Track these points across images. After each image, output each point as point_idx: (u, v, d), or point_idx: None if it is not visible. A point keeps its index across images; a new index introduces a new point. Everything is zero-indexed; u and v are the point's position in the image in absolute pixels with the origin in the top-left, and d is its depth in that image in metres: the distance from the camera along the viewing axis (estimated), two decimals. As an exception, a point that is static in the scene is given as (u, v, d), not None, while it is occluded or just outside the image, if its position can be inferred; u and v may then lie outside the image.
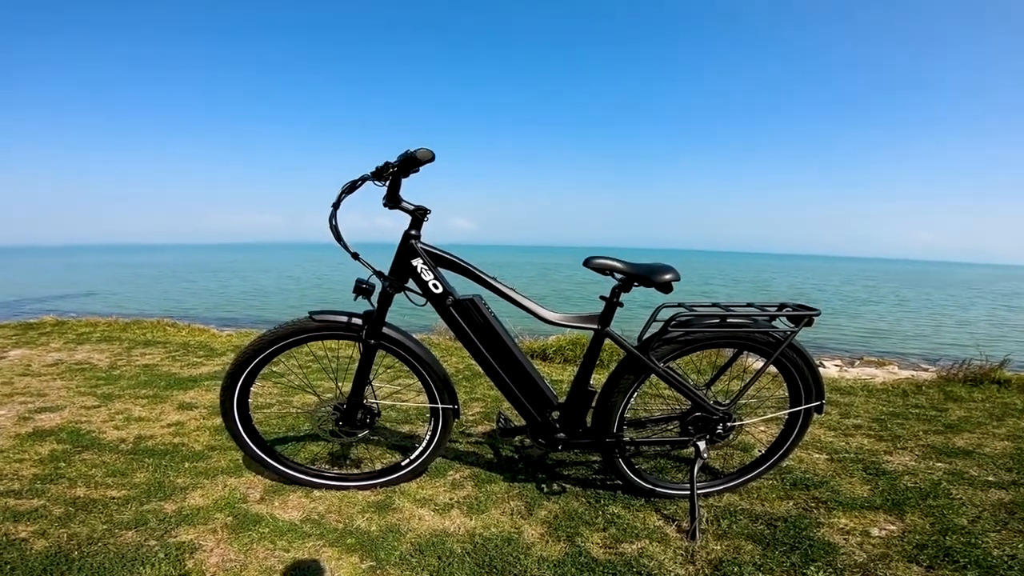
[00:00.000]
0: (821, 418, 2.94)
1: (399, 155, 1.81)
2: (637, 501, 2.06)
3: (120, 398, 3.26)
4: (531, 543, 1.77)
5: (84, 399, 3.23)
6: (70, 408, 3.04)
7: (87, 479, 2.11)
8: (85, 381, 3.67)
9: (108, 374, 3.89)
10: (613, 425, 1.97)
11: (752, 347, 1.95)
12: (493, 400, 3.33)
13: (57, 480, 2.09)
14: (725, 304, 1.96)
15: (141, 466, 2.25)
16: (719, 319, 1.90)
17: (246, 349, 1.95)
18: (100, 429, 2.70)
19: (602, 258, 1.89)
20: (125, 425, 2.77)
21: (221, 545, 1.69)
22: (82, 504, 1.91)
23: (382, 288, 1.93)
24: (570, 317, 1.96)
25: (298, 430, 2.76)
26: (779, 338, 1.91)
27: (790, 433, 2.11)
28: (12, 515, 1.81)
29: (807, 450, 2.55)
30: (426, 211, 1.91)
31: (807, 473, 2.30)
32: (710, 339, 1.92)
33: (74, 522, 1.79)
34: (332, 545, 1.72)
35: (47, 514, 1.83)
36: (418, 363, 2.03)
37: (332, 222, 1.88)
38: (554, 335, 5.06)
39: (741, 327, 1.91)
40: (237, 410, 2.01)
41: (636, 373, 1.92)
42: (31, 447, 2.42)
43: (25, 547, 1.64)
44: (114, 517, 1.83)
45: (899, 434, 2.78)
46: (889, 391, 3.62)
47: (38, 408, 3.02)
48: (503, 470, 2.31)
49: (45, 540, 1.68)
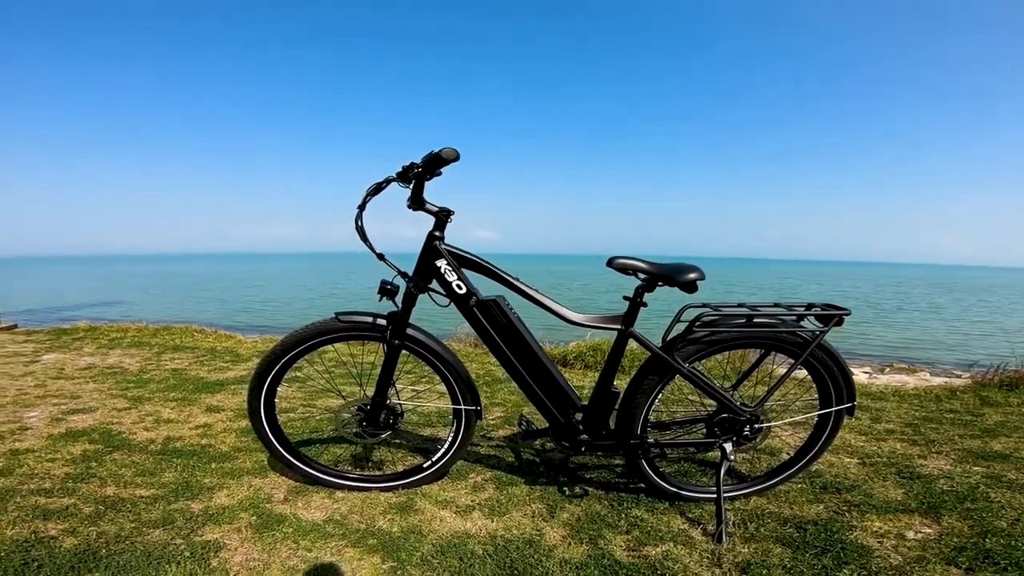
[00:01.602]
0: (851, 423, 2.87)
1: (423, 156, 1.82)
2: (661, 504, 2.02)
3: (150, 401, 3.34)
4: (553, 545, 1.75)
5: (115, 401, 3.31)
6: (102, 410, 3.12)
7: (117, 478, 2.15)
8: (116, 384, 3.77)
9: (138, 378, 3.99)
10: (637, 427, 1.94)
11: (780, 348, 1.91)
12: (513, 405, 3.32)
13: (88, 479, 2.14)
14: (751, 304, 1.92)
15: (169, 466, 2.29)
16: (745, 319, 1.87)
17: (274, 349, 1.98)
18: (130, 430, 2.76)
19: (625, 258, 1.87)
20: (154, 427, 2.83)
21: (245, 544, 1.71)
22: (111, 503, 1.94)
23: (406, 289, 1.94)
24: (593, 318, 1.94)
25: (321, 432, 2.78)
26: (808, 338, 1.87)
27: (820, 436, 2.06)
28: (43, 513, 1.85)
29: (837, 454, 2.48)
30: (450, 212, 1.91)
31: (838, 477, 2.24)
32: (736, 339, 1.89)
33: (103, 520, 1.82)
34: (354, 545, 1.73)
35: (77, 512, 1.87)
36: (442, 364, 2.04)
37: (358, 223, 1.90)
38: (575, 341, 5.03)
39: (768, 327, 1.87)
40: (264, 410, 2.04)
41: (660, 374, 1.90)
42: (63, 447, 2.48)
43: (54, 545, 1.67)
44: (142, 516, 1.86)
45: (933, 439, 2.69)
46: (922, 396, 3.52)
47: (71, 410, 3.11)
48: (524, 473, 2.29)
49: (74, 538, 1.71)
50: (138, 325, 6.63)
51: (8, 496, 1.95)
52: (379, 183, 1.92)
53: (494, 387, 3.72)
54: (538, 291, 1.94)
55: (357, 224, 1.90)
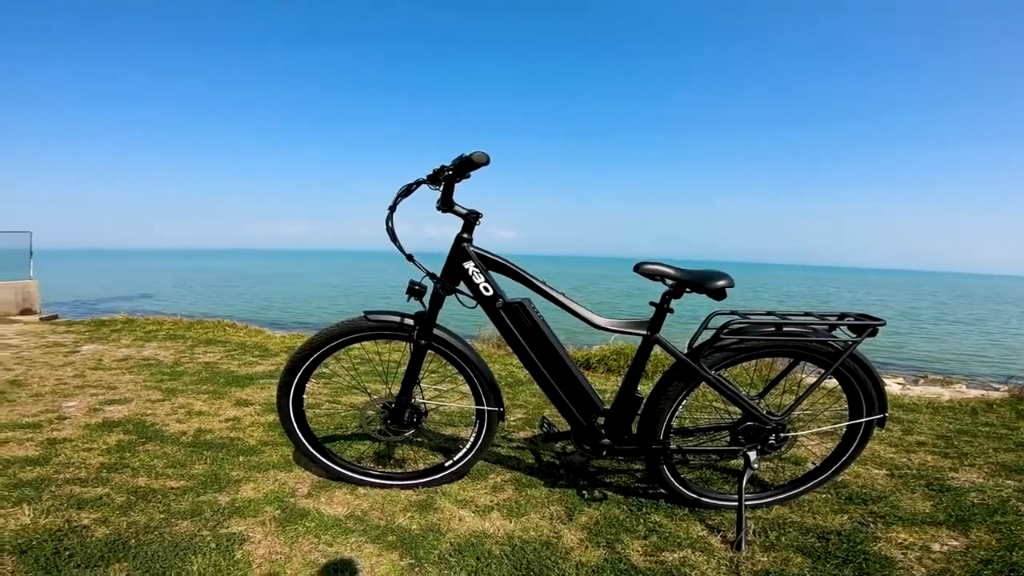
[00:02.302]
0: (881, 434, 2.80)
1: (454, 159, 1.84)
2: (680, 510, 2.01)
3: (183, 393, 3.44)
4: (570, 548, 1.76)
5: (150, 393, 3.42)
6: (136, 401, 3.22)
7: (149, 469, 2.22)
8: (151, 376, 3.89)
9: (172, 370, 4.11)
10: (660, 432, 1.94)
11: (810, 357, 1.88)
12: (534, 407, 3.33)
13: (121, 469, 2.21)
14: (781, 312, 1.89)
15: (200, 458, 2.36)
16: (775, 327, 1.84)
17: (304, 346, 2.02)
18: (163, 422, 2.85)
19: (652, 263, 1.87)
20: (187, 419, 2.91)
21: (269, 537, 1.75)
22: (143, 493, 2.00)
23: (434, 290, 1.97)
24: (619, 323, 1.94)
25: (345, 428, 2.83)
26: (840, 348, 1.83)
27: (848, 446, 2.03)
28: (77, 502, 1.92)
29: (864, 465, 2.43)
30: (478, 215, 1.93)
31: (864, 488, 2.20)
32: (765, 347, 1.86)
33: (134, 510, 1.88)
34: (374, 541, 1.76)
35: (110, 502, 1.93)
36: (466, 365, 2.06)
37: (388, 224, 1.93)
38: (597, 345, 5.01)
39: (799, 336, 1.84)
40: (292, 407, 2.08)
41: (686, 380, 1.88)
42: (99, 437, 2.57)
43: (86, 534, 1.72)
44: (171, 507, 1.91)
45: (966, 451, 2.62)
46: (956, 409, 3.42)
47: (107, 400, 3.22)
48: (544, 475, 2.30)
49: (105, 528, 1.77)
50: (173, 318, 6.84)
51: (44, 485, 2.03)
52: (409, 185, 1.95)
53: (516, 389, 3.74)
54: (564, 295, 1.95)
55: (388, 225, 1.93)
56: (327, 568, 1.60)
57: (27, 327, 6.42)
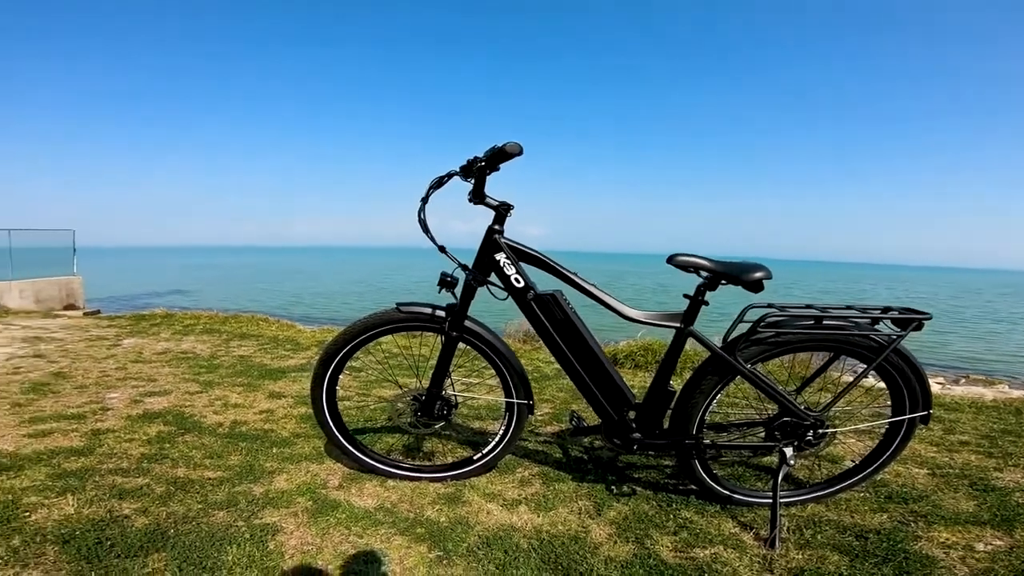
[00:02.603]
0: (922, 433, 2.72)
1: (486, 150, 1.83)
2: (711, 507, 1.98)
3: (219, 385, 3.53)
4: (598, 543, 1.75)
5: (188, 385, 3.53)
6: (175, 393, 3.32)
7: (187, 460, 2.29)
8: (189, 369, 4.01)
9: (209, 363, 4.23)
10: (693, 427, 1.90)
11: (851, 352, 1.83)
12: (562, 401, 3.32)
13: (161, 460, 2.28)
14: (821, 306, 1.84)
15: (236, 449, 2.41)
16: (814, 320, 1.79)
17: (337, 339, 2.04)
18: (201, 413, 2.93)
19: (687, 255, 1.83)
20: (223, 411, 2.99)
21: (301, 528, 1.78)
22: (181, 484, 2.06)
23: (465, 281, 1.97)
24: (652, 315, 1.92)
25: (375, 421, 2.87)
26: (883, 342, 1.78)
27: (890, 444, 1.97)
28: (118, 492, 1.97)
29: (905, 464, 2.36)
30: (510, 207, 1.92)
31: (905, 487, 2.14)
32: (804, 341, 1.81)
33: (173, 501, 1.93)
34: (403, 533, 1.77)
35: (150, 492, 1.99)
36: (497, 357, 2.06)
37: (420, 216, 1.93)
38: (625, 340, 4.96)
39: (840, 329, 1.79)
40: (326, 399, 2.11)
41: (720, 375, 1.85)
42: (140, 428, 2.66)
43: (127, 524, 1.76)
44: (208, 497, 1.96)
45: (1011, 451, 2.51)
46: (1000, 409, 3.28)
47: (148, 392, 3.33)
48: (572, 470, 2.29)
49: (145, 518, 1.81)
50: (209, 313, 7.02)
51: (88, 475, 2.10)
52: (441, 177, 1.95)
53: (542, 384, 3.73)
54: (596, 287, 1.93)
55: (420, 217, 1.94)
56: (357, 559, 1.63)
57: (71, 321, 6.68)
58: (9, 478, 2.03)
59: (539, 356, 4.70)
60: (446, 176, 1.94)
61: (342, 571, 1.57)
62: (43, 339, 5.22)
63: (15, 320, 6.69)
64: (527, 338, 5.85)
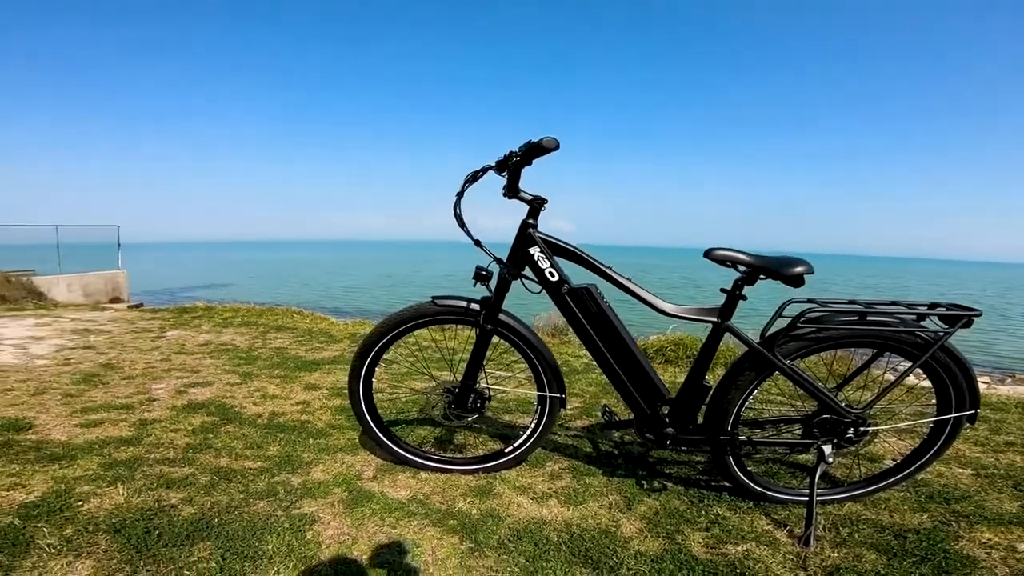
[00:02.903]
0: (966, 433, 2.63)
1: (521, 145, 1.84)
2: (744, 504, 1.97)
3: (258, 377, 3.64)
4: (629, 537, 1.76)
5: (228, 376, 3.64)
6: (217, 384, 3.44)
7: (229, 450, 2.37)
8: (229, 360, 4.14)
9: (247, 355, 4.35)
10: (728, 423, 1.89)
11: (896, 349, 1.78)
12: (591, 396, 3.31)
13: (205, 450, 2.37)
14: (864, 301, 1.79)
15: (274, 440, 2.49)
16: (858, 316, 1.75)
17: (374, 331, 2.07)
18: (241, 404, 3.02)
19: (724, 249, 1.81)
20: (262, 402, 3.08)
21: (337, 519, 1.83)
22: (224, 474, 2.13)
23: (500, 275, 1.98)
24: (688, 309, 1.90)
25: (407, 414, 2.92)
26: (929, 339, 1.73)
27: (933, 443, 1.92)
28: (166, 482, 2.05)
29: (947, 464, 2.29)
30: (544, 201, 1.93)
31: (947, 487, 2.08)
32: (846, 338, 1.77)
33: (216, 490, 2.00)
34: (435, 525, 1.81)
35: (195, 482, 2.06)
36: (530, 351, 2.07)
37: (456, 210, 1.96)
38: (655, 335, 4.91)
39: (884, 325, 1.75)
40: (363, 391, 2.15)
41: (757, 370, 1.82)
42: (185, 419, 2.76)
43: (173, 513, 1.82)
44: (250, 487, 2.03)
45: (1062, 451, 2.42)
46: (1050, 408, 3.16)
47: (191, 383, 3.45)
48: (602, 464, 2.30)
49: (191, 507, 1.86)
50: (247, 306, 7.22)
51: (137, 465, 2.19)
52: (476, 171, 1.96)
53: (572, 378, 3.73)
54: (631, 280, 1.92)
55: (455, 211, 1.95)
56: (391, 550, 1.67)
57: (117, 314, 6.95)
58: (63, 467, 2.13)
59: (567, 351, 4.69)
60: (481, 171, 1.96)
61: (377, 561, 1.61)
62: (92, 331, 5.45)
63: (64, 313, 6.99)
64: (555, 332, 5.85)
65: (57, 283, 12.51)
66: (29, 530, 1.67)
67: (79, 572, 1.50)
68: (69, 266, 13.62)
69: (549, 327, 5.99)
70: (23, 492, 1.91)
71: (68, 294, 12.51)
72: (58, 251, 13.70)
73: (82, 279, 13.50)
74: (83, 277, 13.57)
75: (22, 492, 1.91)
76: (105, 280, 14.29)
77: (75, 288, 13.06)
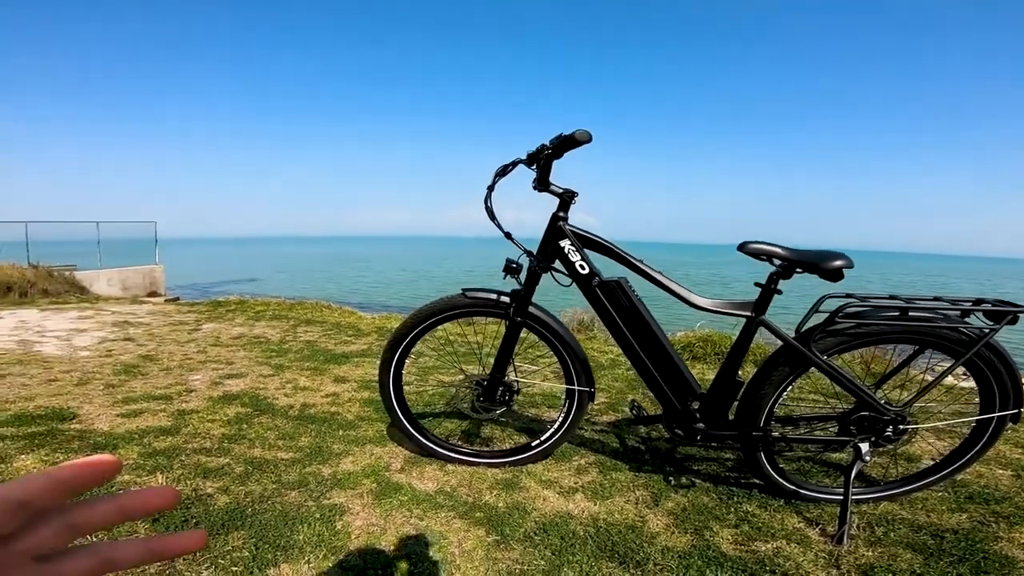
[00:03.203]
0: (1008, 434, 2.55)
1: (552, 138, 1.84)
2: (775, 501, 1.94)
3: (289, 369, 3.72)
4: (655, 532, 1.75)
5: (261, 368, 3.73)
6: (251, 376, 3.52)
7: (263, 441, 2.43)
8: (262, 352, 4.24)
9: (279, 347, 4.45)
10: (760, 419, 1.86)
11: (938, 345, 1.73)
12: (618, 391, 3.30)
13: (239, 440, 2.43)
14: (906, 296, 1.74)
15: (305, 431, 2.54)
16: (899, 311, 1.71)
17: (405, 323, 2.09)
18: (274, 396, 3.09)
19: (759, 242, 1.78)
20: (293, 393, 3.15)
21: (366, 510, 1.86)
22: (258, 464, 2.18)
23: (529, 268, 1.99)
24: (722, 304, 1.88)
25: (434, 406, 2.95)
26: (974, 336, 1.68)
27: (975, 443, 1.87)
28: (203, 471, 2.10)
29: (988, 464, 2.23)
30: (574, 194, 1.92)
31: (987, 487, 2.02)
32: (886, 333, 1.73)
33: (251, 480, 2.04)
34: (462, 517, 1.83)
35: (230, 472, 2.11)
36: (560, 344, 2.07)
37: (487, 204, 1.95)
38: (682, 331, 4.85)
39: (927, 321, 1.70)
40: (393, 383, 2.18)
41: (792, 366, 1.79)
42: (220, 409, 2.84)
43: (210, 502, 1.86)
44: (282, 478, 2.07)
45: (1113, 452, 2.32)
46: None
47: (226, 374, 3.55)
48: (628, 459, 2.29)
49: (227, 496, 1.90)
50: (277, 300, 7.37)
51: (175, 454, 2.25)
52: (506, 165, 1.97)
53: (598, 373, 3.72)
54: (662, 274, 1.90)
55: (487, 204, 1.95)
56: (419, 541, 1.69)
57: (155, 307, 7.17)
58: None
59: (593, 346, 4.68)
60: (511, 164, 1.96)
61: (404, 552, 1.63)
62: (132, 324, 5.64)
63: (105, 306, 7.24)
64: (580, 328, 5.83)
65: (98, 277, 12.95)
66: (71, 519, 1.72)
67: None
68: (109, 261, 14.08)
69: (574, 323, 5.97)
70: (67, 482, 1.97)
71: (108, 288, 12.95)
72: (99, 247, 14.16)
73: (121, 273, 13.95)
74: (122, 272, 14.02)
75: (66, 482, 1.97)
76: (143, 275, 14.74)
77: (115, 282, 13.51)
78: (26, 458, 2.14)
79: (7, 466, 2.06)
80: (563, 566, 1.58)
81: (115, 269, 13.86)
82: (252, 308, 6.71)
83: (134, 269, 14.53)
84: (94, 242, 14.17)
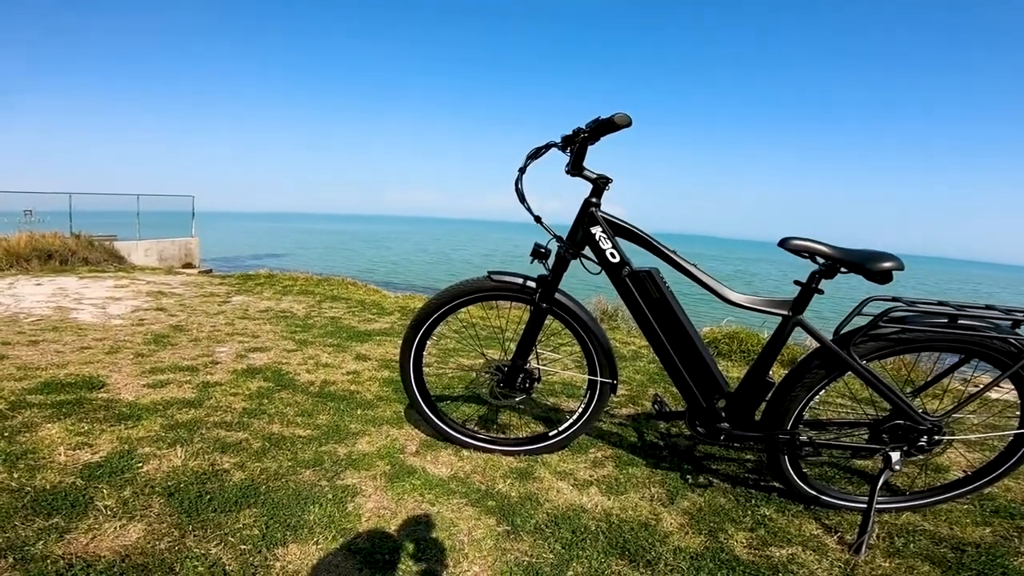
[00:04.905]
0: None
1: (589, 121, 1.79)
2: (793, 506, 1.89)
3: (312, 344, 3.77)
4: (669, 532, 1.72)
5: (285, 343, 3.79)
6: (275, 350, 3.58)
7: (282, 417, 2.46)
8: (287, 327, 4.31)
9: (304, 323, 4.52)
10: (788, 422, 1.80)
11: (986, 355, 1.65)
12: (638, 384, 3.26)
13: (259, 415, 2.46)
14: (956, 303, 1.66)
15: (324, 409, 2.57)
16: (948, 318, 1.63)
17: (428, 304, 2.07)
18: (295, 371, 3.14)
19: (802, 239, 1.71)
20: (315, 369, 3.19)
21: (378, 492, 1.87)
22: (275, 440, 2.20)
23: (558, 253, 1.94)
24: (758, 300, 1.81)
25: (452, 390, 2.96)
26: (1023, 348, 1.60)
27: (1009, 456, 1.79)
28: (221, 446, 2.10)
29: (1018, 480, 2.14)
30: (608, 180, 1.87)
31: (1014, 502, 1.96)
32: (932, 340, 1.66)
33: (267, 457, 2.06)
34: (473, 505, 1.82)
35: (248, 447, 2.13)
36: (585, 333, 2.04)
37: (518, 186, 1.92)
38: (707, 327, 4.76)
39: (976, 330, 1.62)
40: (413, 364, 2.16)
41: (828, 369, 1.72)
42: (243, 383, 2.88)
43: (225, 478, 1.86)
44: (298, 456, 2.09)
45: None
46: None
47: (251, 348, 3.61)
48: (646, 455, 2.26)
49: (242, 472, 1.91)
50: (305, 275, 7.48)
51: (196, 427, 2.28)
52: (539, 148, 1.93)
53: (619, 365, 3.67)
54: (697, 267, 1.85)
55: (517, 187, 1.92)
56: (428, 527, 1.69)
57: (189, 279, 7.34)
58: (128, 428, 2.23)
59: (616, 336, 4.63)
60: (544, 147, 1.92)
61: (413, 537, 1.63)
62: (165, 294, 5.79)
63: (141, 276, 7.44)
64: (604, 316, 5.78)
65: (136, 248, 13.32)
66: (90, 491, 1.74)
67: (130, 535, 1.54)
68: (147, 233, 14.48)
69: (597, 312, 5.92)
70: (89, 452, 2.00)
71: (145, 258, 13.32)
72: (138, 218, 14.56)
73: (158, 244, 14.34)
74: (159, 243, 14.41)
75: (88, 452, 2.00)
76: (179, 246, 15.14)
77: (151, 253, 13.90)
78: (52, 427, 2.18)
79: (33, 434, 2.11)
80: (572, 560, 1.57)
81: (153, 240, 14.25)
82: (280, 282, 6.82)
83: (171, 241, 14.93)
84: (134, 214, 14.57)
